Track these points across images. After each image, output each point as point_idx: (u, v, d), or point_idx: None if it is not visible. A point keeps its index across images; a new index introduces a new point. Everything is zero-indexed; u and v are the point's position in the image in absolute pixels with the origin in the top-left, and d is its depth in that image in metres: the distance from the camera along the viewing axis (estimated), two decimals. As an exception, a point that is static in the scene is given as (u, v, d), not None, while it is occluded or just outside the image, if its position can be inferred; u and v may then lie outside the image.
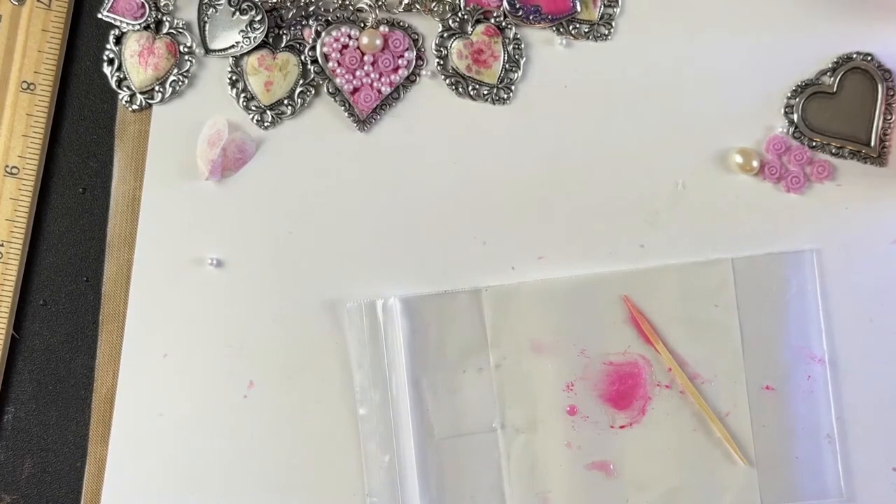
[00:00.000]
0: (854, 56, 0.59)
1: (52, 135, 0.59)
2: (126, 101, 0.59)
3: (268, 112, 0.59)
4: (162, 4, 0.59)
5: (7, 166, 0.58)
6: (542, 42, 0.59)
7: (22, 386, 0.59)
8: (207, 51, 0.59)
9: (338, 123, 0.59)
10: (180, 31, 0.59)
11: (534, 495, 0.58)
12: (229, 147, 0.58)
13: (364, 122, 0.59)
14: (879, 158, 0.59)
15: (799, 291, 0.58)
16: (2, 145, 0.58)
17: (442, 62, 0.59)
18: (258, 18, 0.58)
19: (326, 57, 0.59)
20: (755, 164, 0.58)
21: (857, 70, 0.58)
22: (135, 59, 0.59)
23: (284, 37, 0.59)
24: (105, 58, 0.59)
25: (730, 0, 0.59)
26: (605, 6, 0.59)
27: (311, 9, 0.59)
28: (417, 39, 0.59)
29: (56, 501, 0.59)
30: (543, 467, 0.58)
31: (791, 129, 0.59)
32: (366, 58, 0.59)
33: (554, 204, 0.59)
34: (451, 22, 0.59)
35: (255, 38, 0.58)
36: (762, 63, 0.59)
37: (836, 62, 0.59)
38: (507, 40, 0.59)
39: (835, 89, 0.59)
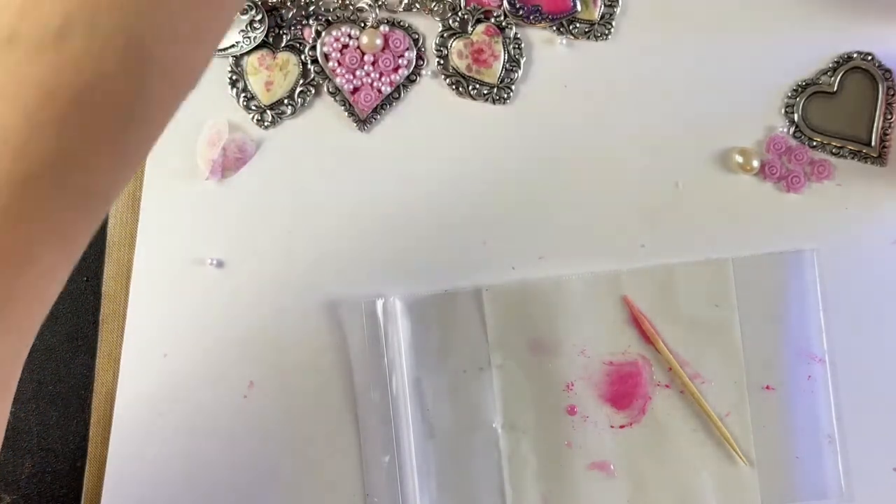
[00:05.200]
0: (854, 55, 0.59)
1: (52, 135, 0.59)
2: (126, 101, 0.59)
3: (268, 112, 0.59)
4: (162, 4, 0.59)
5: (7, 166, 0.58)
6: (542, 42, 0.59)
7: (22, 386, 0.59)
8: (207, 50, 0.59)
9: (338, 123, 0.59)
10: (180, 30, 0.59)
11: (534, 495, 0.58)
12: (229, 147, 0.58)
13: (364, 121, 0.59)
14: (879, 158, 0.59)
15: (799, 291, 0.58)
16: (2, 145, 0.58)
17: (442, 62, 0.59)
18: (258, 18, 0.58)
19: (327, 56, 0.59)
20: (755, 163, 0.58)
21: (857, 70, 0.58)
22: (135, 59, 0.58)
23: (285, 36, 0.59)
24: (105, 57, 0.59)
25: (730, 0, 0.59)
26: (605, 6, 0.59)
27: (312, 8, 0.59)
28: (418, 39, 0.59)
29: (56, 501, 0.59)
30: (544, 467, 0.58)
31: (791, 129, 0.59)
32: (366, 57, 0.59)
33: (554, 204, 0.59)
34: (451, 21, 0.59)
35: (255, 37, 0.58)
36: (762, 63, 0.59)
37: (837, 62, 0.59)
38: (507, 40, 0.59)
39: (835, 89, 0.59)
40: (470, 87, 0.59)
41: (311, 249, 0.59)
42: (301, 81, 0.59)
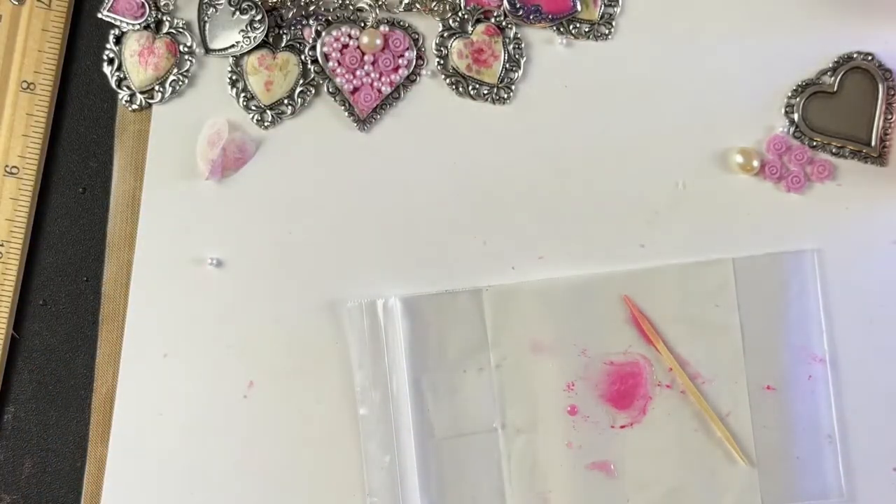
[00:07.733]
0: (854, 55, 0.59)
1: (52, 135, 0.59)
2: (126, 101, 0.59)
3: (268, 112, 0.59)
4: (162, 4, 0.59)
5: (7, 166, 0.58)
6: (542, 42, 0.59)
7: (22, 386, 0.59)
8: (207, 50, 0.59)
9: (338, 123, 0.59)
10: (180, 30, 0.59)
11: (534, 495, 0.57)
12: (229, 147, 0.58)
13: (364, 121, 0.59)
14: (880, 158, 0.59)
15: (800, 291, 0.58)
16: (2, 145, 0.58)
17: (442, 62, 0.59)
18: (258, 18, 0.58)
19: (326, 56, 0.59)
20: (756, 163, 0.58)
21: (857, 69, 0.58)
22: (135, 59, 0.59)
23: (284, 36, 0.59)
24: (105, 57, 0.59)
25: (730, 0, 0.59)
26: (605, 6, 0.59)
27: (312, 8, 0.59)
28: (418, 39, 0.59)
29: (56, 501, 0.59)
30: (544, 467, 0.58)
31: (792, 129, 0.59)
32: (366, 57, 0.59)
33: (554, 204, 0.59)
34: (451, 21, 0.59)
35: (255, 37, 0.58)
36: (762, 63, 0.59)
37: (837, 62, 0.59)
38: (507, 40, 0.59)
39: (835, 89, 0.59)
40: (470, 87, 0.59)
41: (311, 249, 0.59)
42: (301, 81, 0.59)
